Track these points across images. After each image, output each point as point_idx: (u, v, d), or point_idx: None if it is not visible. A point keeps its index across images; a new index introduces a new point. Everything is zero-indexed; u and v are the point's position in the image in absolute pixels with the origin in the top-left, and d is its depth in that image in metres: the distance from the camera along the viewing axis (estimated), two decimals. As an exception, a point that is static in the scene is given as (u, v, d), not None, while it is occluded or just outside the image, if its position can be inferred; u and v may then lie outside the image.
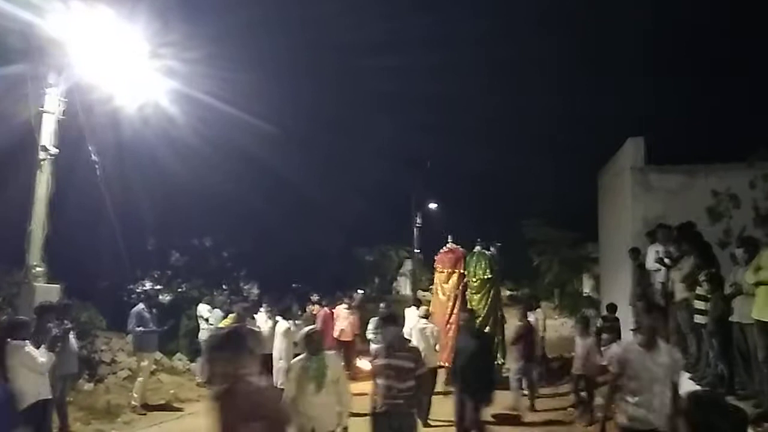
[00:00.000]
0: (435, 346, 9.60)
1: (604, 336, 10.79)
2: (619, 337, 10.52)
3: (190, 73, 9.43)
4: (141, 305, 9.94)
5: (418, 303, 11.60)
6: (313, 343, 5.13)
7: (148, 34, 8.75)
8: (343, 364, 5.91)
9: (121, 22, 8.37)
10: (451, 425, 7.46)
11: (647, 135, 12.20)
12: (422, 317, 9.86)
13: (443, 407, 8.50)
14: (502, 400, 8.94)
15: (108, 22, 8.24)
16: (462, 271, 12.57)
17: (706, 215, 10.54)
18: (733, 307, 6.05)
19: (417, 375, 5.22)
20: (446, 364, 10.32)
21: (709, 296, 6.56)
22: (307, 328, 5.49)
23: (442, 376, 10.38)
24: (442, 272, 12.69)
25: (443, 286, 12.59)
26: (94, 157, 8.92)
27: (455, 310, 11.99)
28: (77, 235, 12.46)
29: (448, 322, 11.97)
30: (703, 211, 10.60)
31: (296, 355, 5.70)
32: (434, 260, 13.26)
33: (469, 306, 11.94)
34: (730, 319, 6.08)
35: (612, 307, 11.59)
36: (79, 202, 10.90)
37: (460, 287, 12.43)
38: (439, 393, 9.63)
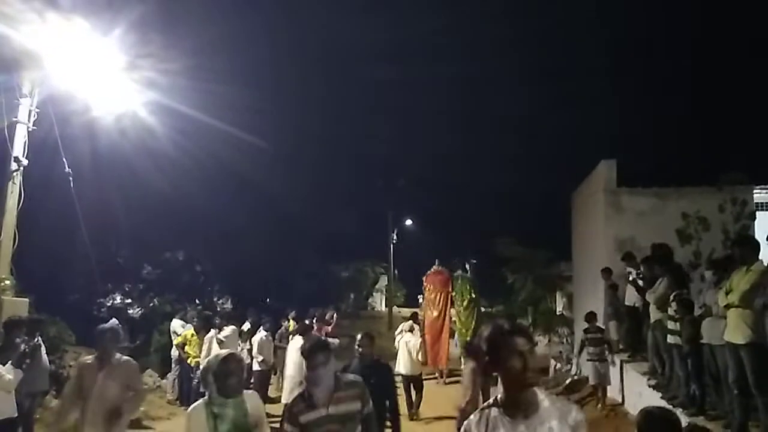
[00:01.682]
0: (418, 355, 11.25)
1: (590, 350, 9.95)
2: (609, 349, 10.11)
3: (169, 84, 9.35)
4: (113, 320, 9.75)
5: (415, 317, 13.63)
6: (231, 378, 3.44)
7: (126, 46, 8.66)
8: None
9: (96, 33, 8.29)
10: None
11: (620, 157, 12.48)
12: (408, 331, 11.59)
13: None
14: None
15: (84, 33, 8.16)
16: (450, 290, 14.96)
17: (676, 237, 10.80)
18: (702, 329, 6.18)
19: (364, 417, 3.78)
20: (441, 367, 14.34)
21: (677, 317, 6.71)
22: (218, 353, 3.66)
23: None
24: (433, 292, 14.97)
25: (434, 303, 14.87)
26: (67, 169, 8.76)
27: (446, 324, 14.74)
28: (47, 248, 12.21)
29: (440, 333, 14.58)
30: (673, 233, 10.85)
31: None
32: (422, 280, 15.59)
33: (458, 322, 15.03)
34: (700, 341, 6.21)
35: (592, 316, 10.34)
36: (51, 214, 10.68)
37: (448, 304, 14.89)
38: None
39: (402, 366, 10.97)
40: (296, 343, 9.45)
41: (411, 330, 11.81)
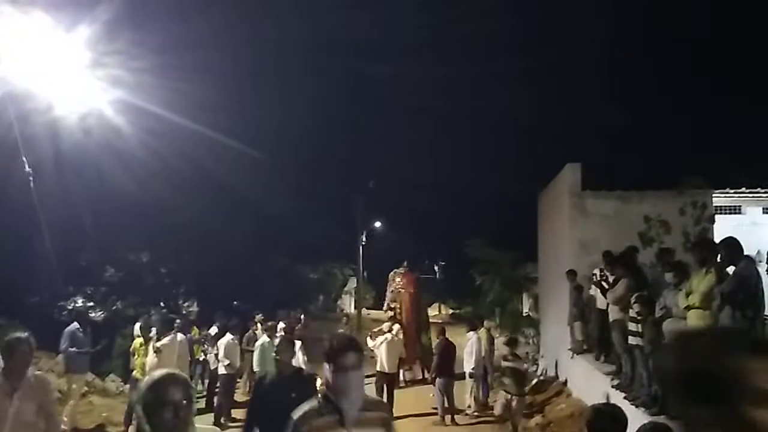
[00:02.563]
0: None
1: (506, 381, 9.23)
2: (524, 382, 9.35)
3: (136, 82, 9.18)
4: (75, 324, 9.50)
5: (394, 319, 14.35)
6: (167, 410, 2.18)
7: (91, 42, 8.45)
8: None
9: (59, 29, 8.07)
10: None
11: (585, 160, 12.71)
12: (387, 331, 12.05)
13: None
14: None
15: (45, 28, 7.93)
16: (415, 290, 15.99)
17: (638, 239, 11.07)
18: (663, 329, 6.35)
19: None
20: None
21: (640, 318, 6.88)
22: (152, 374, 2.35)
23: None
24: (410, 292, 15.78)
25: (407, 302, 15.67)
26: (27, 169, 8.52)
27: (418, 323, 15.69)
28: (7, 250, 11.84)
29: (416, 330, 15.37)
30: (635, 235, 11.13)
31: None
32: (386, 280, 16.34)
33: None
34: (662, 341, 6.38)
35: (513, 342, 9.91)
36: (10, 214, 10.37)
37: (420, 304, 16.18)
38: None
39: (384, 365, 11.38)
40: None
41: (390, 330, 12.33)
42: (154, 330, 9.52)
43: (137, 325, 11.89)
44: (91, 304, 17.31)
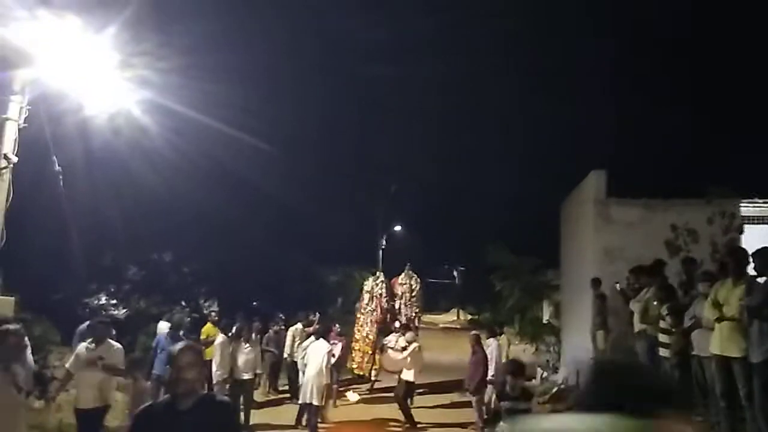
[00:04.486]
0: None
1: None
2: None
3: (163, 83, 9.26)
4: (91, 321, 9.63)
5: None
6: None
7: (119, 44, 8.57)
8: None
9: (89, 31, 8.21)
10: None
11: (610, 168, 12.56)
12: (412, 341, 11.40)
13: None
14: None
15: (76, 31, 8.07)
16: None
17: (665, 248, 10.89)
18: (693, 340, 6.22)
19: None
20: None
21: (672, 330, 6.72)
22: None
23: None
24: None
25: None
26: (57, 168, 8.66)
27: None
28: (34, 247, 12.06)
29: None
30: (661, 244, 10.95)
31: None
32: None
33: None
34: (691, 352, 6.25)
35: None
36: (38, 213, 10.55)
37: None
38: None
39: (415, 375, 11.03)
40: (319, 346, 9.68)
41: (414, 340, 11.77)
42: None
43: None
44: (114, 301, 17.53)
